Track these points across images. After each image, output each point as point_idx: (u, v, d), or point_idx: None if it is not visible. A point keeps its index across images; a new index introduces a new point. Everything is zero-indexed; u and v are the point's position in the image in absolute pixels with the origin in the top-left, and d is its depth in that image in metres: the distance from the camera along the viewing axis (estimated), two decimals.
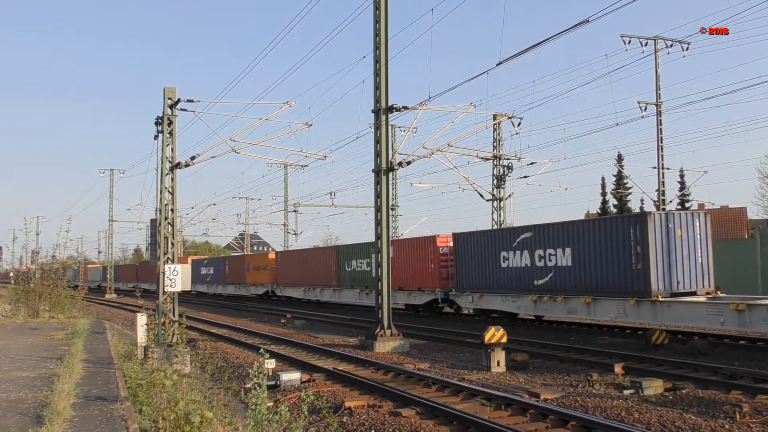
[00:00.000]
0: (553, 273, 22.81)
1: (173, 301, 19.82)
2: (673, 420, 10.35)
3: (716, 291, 20.22)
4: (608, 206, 55.27)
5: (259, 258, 50.40)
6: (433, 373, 15.46)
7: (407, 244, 32.35)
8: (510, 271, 24.86)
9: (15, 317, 26.65)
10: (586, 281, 21.38)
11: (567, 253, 22.39)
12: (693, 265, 19.90)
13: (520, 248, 24.44)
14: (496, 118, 32.96)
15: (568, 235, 22.45)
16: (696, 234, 20.29)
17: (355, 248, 36.95)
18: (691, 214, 20.53)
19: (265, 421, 7.27)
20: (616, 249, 20.36)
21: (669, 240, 19.55)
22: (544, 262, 23.18)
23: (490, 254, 25.94)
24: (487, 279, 26.07)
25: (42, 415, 8.07)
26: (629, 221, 20.27)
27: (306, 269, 41.87)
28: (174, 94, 19.93)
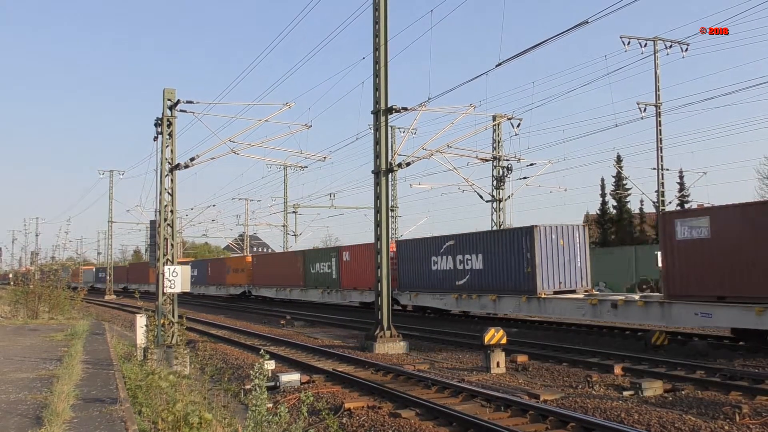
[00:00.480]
0: (470, 275, 26.77)
1: (173, 303, 19.81)
2: (673, 421, 10.35)
3: (592, 289, 24.59)
4: (607, 207, 55.25)
5: (237, 261, 53.43)
6: (432, 374, 15.46)
7: (361, 249, 35.41)
8: (438, 273, 28.66)
9: (14, 318, 26.63)
10: (493, 282, 25.41)
11: (480, 259, 26.40)
12: (573, 269, 24.05)
13: (445, 254, 28.33)
14: (495, 119, 32.98)
15: (480, 243, 26.46)
16: (576, 243, 24.25)
17: (318, 253, 41.81)
18: (572, 227, 24.46)
19: (264, 422, 7.27)
20: (513, 256, 24.49)
21: (553, 248, 23.72)
22: (464, 265, 27.10)
23: (423, 259, 29.73)
24: (421, 280, 30.00)
25: (41, 417, 8.06)
26: (521, 233, 24.31)
27: (278, 271, 45.73)
28: (173, 96, 19.92)
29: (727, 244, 17.36)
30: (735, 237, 17.20)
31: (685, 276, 18.54)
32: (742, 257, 17.02)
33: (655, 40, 34.25)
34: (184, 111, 20.17)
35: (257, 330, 28.21)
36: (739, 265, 17.09)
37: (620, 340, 21.20)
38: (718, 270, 17.57)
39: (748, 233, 16.88)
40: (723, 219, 17.72)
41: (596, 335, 22.75)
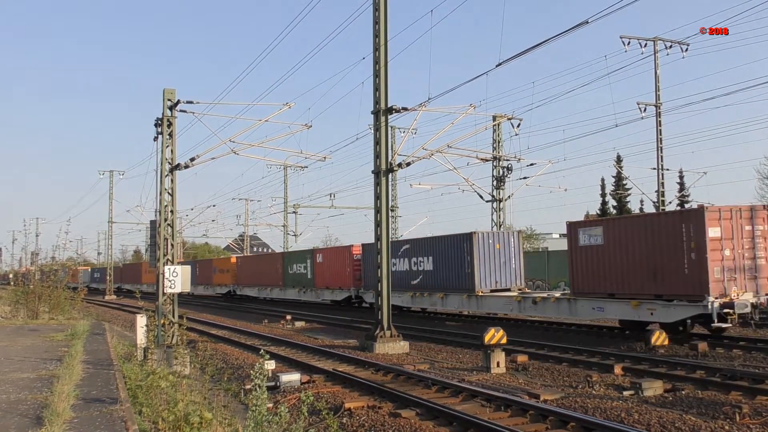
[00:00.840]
0: (422, 275, 30.05)
1: (173, 303, 19.81)
2: (673, 421, 10.35)
3: (525, 288, 27.90)
4: (608, 207, 55.29)
5: (223, 262, 56.61)
6: (432, 374, 15.46)
7: (332, 251, 39.73)
8: (397, 274, 30.89)
9: (15, 318, 26.63)
10: (442, 281, 28.45)
11: (430, 261, 29.54)
12: (508, 270, 27.40)
13: (402, 256, 31.46)
14: (495, 119, 32.98)
15: (431, 247, 29.61)
16: (511, 247, 27.72)
17: (296, 254, 44.80)
18: (507, 233, 28.19)
19: (264, 422, 7.27)
20: (456, 259, 27.70)
21: (490, 252, 26.99)
22: (417, 267, 30.44)
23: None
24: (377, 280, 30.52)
25: (42, 416, 8.07)
26: (462, 239, 27.47)
27: (260, 272, 48.74)
28: (174, 96, 19.93)
29: (616, 250, 20.92)
30: (621, 245, 20.80)
31: (585, 276, 21.92)
32: (625, 261, 20.59)
33: (655, 40, 34.25)
34: (184, 111, 20.19)
35: (257, 330, 28.21)
36: (623, 268, 20.64)
37: (620, 340, 21.20)
38: (609, 272, 21.10)
39: (629, 242, 20.52)
40: (613, 229, 21.24)
41: (596, 335, 22.76)
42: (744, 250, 19.11)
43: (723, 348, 18.71)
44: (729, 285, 18.62)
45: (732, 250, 18.87)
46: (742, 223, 19.25)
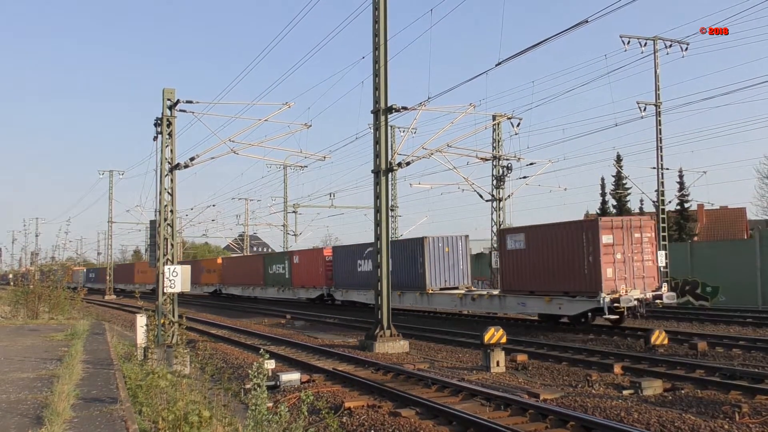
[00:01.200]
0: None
1: (173, 302, 19.82)
2: (673, 420, 10.36)
3: (471, 286, 30.50)
4: (608, 206, 55.19)
5: (210, 262, 60.16)
6: (432, 373, 15.46)
7: (307, 253, 43.57)
8: (362, 274, 34.42)
9: (14, 318, 26.62)
10: (399, 281, 30.23)
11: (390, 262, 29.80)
12: (456, 271, 30.32)
13: (367, 258, 33.92)
14: (495, 119, 32.98)
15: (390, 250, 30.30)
16: (459, 251, 30.47)
17: (275, 256, 48.76)
18: (455, 238, 30.67)
19: (264, 422, 7.28)
20: (411, 260, 30.98)
21: (440, 255, 30.11)
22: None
23: (352, 262, 35.95)
24: (350, 279, 36.15)
25: (42, 416, 8.07)
26: (416, 242, 30.92)
27: (243, 272, 51.91)
28: (173, 95, 19.92)
29: (534, 254, 24.15)
30: (538, 249, 23.99)
31: (512, 276, 25.24)
32: (541, 263, 23.73)
33: (654, 40, 34.24)
34: (183, 111, 20.18)
35: (257, 330, 28.23)
36: (540, 269, 23.80)
37: (619, 339, 21.22)
38: (530, 272, 24.34)
39: (544, 247, 23.69)
40: (533, 235, 24.49)
41: (596, 334, 22.76)
42: (633, 254, 22.33)
43: (722, 347, 18.73)
44: (619, 283, 21.88)
45: (623, 254, 22.12)
46: (631, 231, 22.53)
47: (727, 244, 39.78)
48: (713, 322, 25.53)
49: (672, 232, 46.80)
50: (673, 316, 28.04)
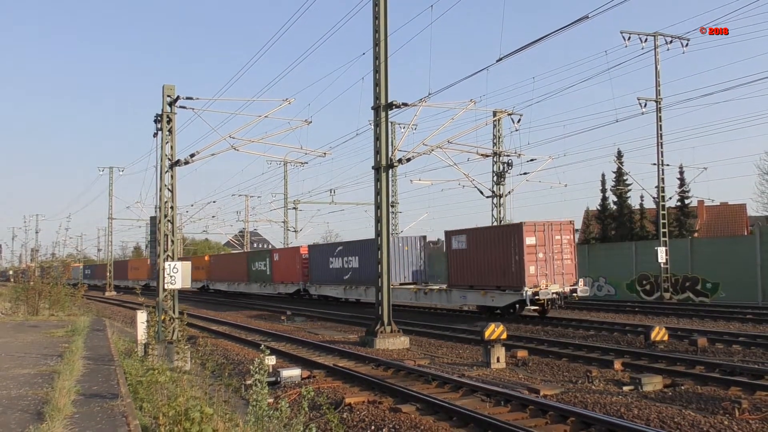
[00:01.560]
0: (351, 272, 36.38)
1: (173, 299, 19.82)
2: (673, 416, 10.37)
3: (428, 283, 33.38)
4: (608, 203, 55.09)
5: (198, 260, 63.22)
6: (433, 369, 15.48)
7: (286, 251, 46.92)
8: (334, 270, 38.34)
9: (15, 315, 26.63)
10: (365, 277, 33.94)
11: (356, 260, 36.00)
12: (415, 267, 33.49)
13: (337, 256, 37.97)
14: (495, 115, 32.96)
15: (357, 249, 35.98)
16: (415, 249, 33.58)
17: (258, 253, 52.16)
18: (413, 238, 34.11)
19: (265, 417, 7.29)
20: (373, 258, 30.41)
21: (400, 253, 33.02)
22: (348, 265, 36.75)
23: (324, 259, 39.57)
24: (323, 275, 39.73)
25: (43, 412, 8.08)
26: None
27: (229, 269, 54.97)
28: (173, 92, 19.89)
29: (474, 253, 27.59)
30: (477, 249, 27.51)
31: (456, 272, 28.34)
32: (479, 261, 27.27)
33: (655, 36, 34.21)
34: (183, 107, 20.15)
35: (258, 326, 28.25)
36: (477, 266, 27.30)
37: (620, 335, 21.24)
38: (470, 269, 27.71)
39: (481, 247, 27.32)
40: (473, 237, 28.00)
41: (596, 330, 22.79)
42: (553, 254, 25.55)
43: (723, 344, 18.74)
44: (540, 279, 25.14)
45: (544, 253, 25.35)
46: (552, 233, 25.67)
47: (727, 241, 39.78)
48: (713, 319, 25.55)
49: (672, 228, 46.77)
50: (674, 312, 28.08)
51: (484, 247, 27.19)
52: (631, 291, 40.14)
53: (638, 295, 39.41)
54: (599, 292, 42.33)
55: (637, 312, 29.33)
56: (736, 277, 34.12)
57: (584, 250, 46.13)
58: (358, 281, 35.57)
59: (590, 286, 42.75)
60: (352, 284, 36.26)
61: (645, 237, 49.79)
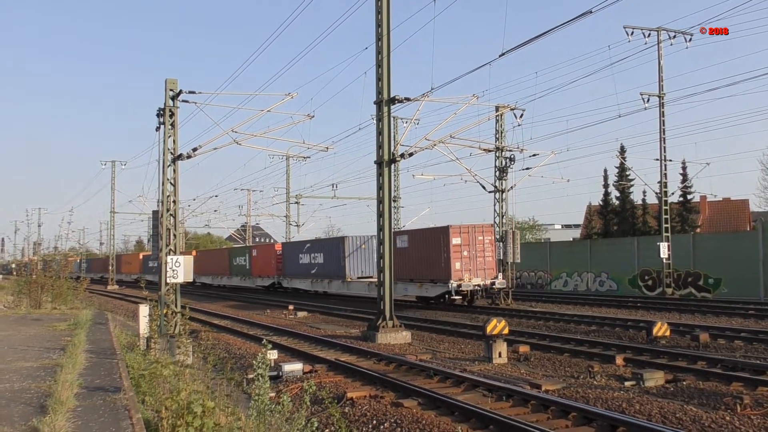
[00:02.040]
0: (317, 267, 41.16)
1: (175, 293, 19.83)
2: (674, 411, 10.38)
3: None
4: (610, 198, 55.04)
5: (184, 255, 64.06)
6: (434, 364, 15.50)
7: (263, 248, 52.30)
8: (303, 265, 43.19)
9: (18, 308, 26.66)
10: (328, 271, 39.53)
11: (321, 256, 40.88)
12: (371, 263, 36.63)
13: (306, 252, 43.03)
14: (498, 110, 32.87)
15: (322, 246, 41.90)
16: (371, 248, 37.04)
17: (238, 249, 55.94)
18: (370, 237, 37.39)
19: (267, 411, 7.30)
20: (335, 254, 38.84)
21: (358, 250, 37.63)
22: (314, 260, 41.72)
23: (295, 255, 44.34)
24: (294, 270, 44.64)
25: (45, 405, 8.10)
26: (339, 240, 39.43)
27: (213, 263, 59.75)
28: (176, 86, 19.85)
29: (413, 251, 32.13)
30: (415, 247, 32.03)
31: (400, 268, 30.40)
32: (417, 258, 31.68)
33: (658, 31, 34.10)
34: (186, 101, 20.10)
35: (260, 320, 28.29)
36: (415, 262, 31.77)
37: (621, 331, 21.24)
38: (410, 265, 31.99)
39: (418, 246, 31.77)
40: (412, 237, 32.86)
41: (598, 326, 22.80)
42: (476, 252, 29.99)
43: (724, 339, 18.75)
44: (464, 273, 29.50)
45: (468, 252, 29.70)
46: (476, 235, 30.08)
47: (729, 236, 39.75)
48: (715, 314, 25.55)
49: (674, 223, 46.71)
50: (676, 308, 28.08)
51: (420, 246, 31.58)
52: (633, 286, 40.13)
53: (640, 290, 39.40)
54: (601, 287, 42.33)
55: (639, 307, 29.33)
56: (739, 272, 34.09)
57: (586, 245, 46.14)
58: (323, 275, 40.37)
59: (592, 282, 42.91)
60: (318, 278, 41.05)
61: (647, 232, 49.75)
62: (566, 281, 45.29)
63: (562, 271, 45.80)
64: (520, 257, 34.45)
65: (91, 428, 7.14)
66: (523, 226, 73.43)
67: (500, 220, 34.55)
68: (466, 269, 29.53)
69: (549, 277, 46.90)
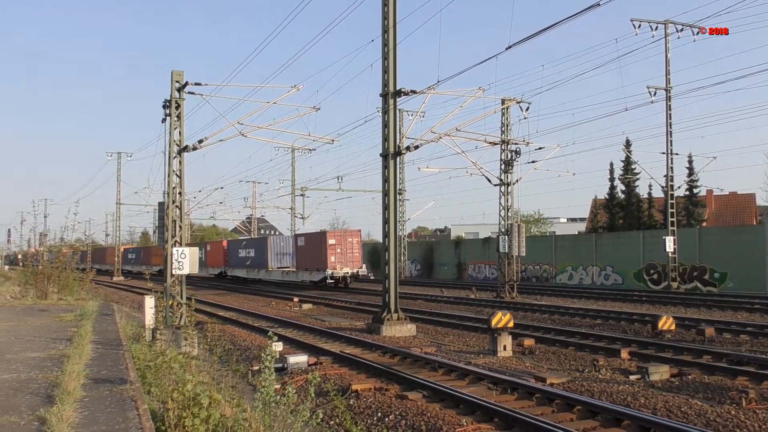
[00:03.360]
0: (250, 259, 52.93)
1: (181, 284, 19.89)
2: (679, 405, 10.37)
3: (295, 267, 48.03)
4: (616, 192, 54.88)
5: (156, 249, 73.82)
6: (439, 357, 15.50)
7: (214, 244, 63.70)
8: (241, 258, 55.04)
9: (24, 299, 26.80)
10: (257, 263, 51.80)
11: (253, 251, 52.95)
12: (289, 257, 48.98)
13: (243, 248, 55.39)
14: (504, 103, 32.80)
15: (254, 243, 54.27)
16: (290, 244, 49.29)
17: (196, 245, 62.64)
18: (287, 236, 54.05)
19: (272, 403, 7.31)
20: (261, 249, 51.37)
21: (278, 247, 50.21)
22: (249, 254, 53.44)
23: (236, 250, 56.78)
24: (235, 262, 56.45)
25: (53, 395, 8.14)
26: (263, 238, 54.68)
27: None
28: (182, 78, 19.85)
29: (307, 248, 44.85)
30: (309, 245, 44.67)
31: (300, 260, 46.14)
32: (311, 253, 43.91)
33: (666, 24, 33.91)
34: (192, 93, 20.10)
35: (265, 312, 28.35)
36: (308, 256, 44.55)
37: (627, 324, 21.22)
38: (305, 258, 45.16)
39: (311, 244, 44.23)
40: (307, 238, 46.09)
41: (603, 319, 22.78)
42: (346, 250, 42.75)
43: (730, 333, 18.71)
44: (337, 264, 42.24)
45: (341, 249, 42.54)
46: (346, 237, 43.45)
47: (735, 230, 39.61)
48: (721, 308, 25.50)
49: (680, 217, 46.57)
50: (681, 301, 28.05)
51: (311, 245, 44.77)
52: (638, 280, 40.07)
53: (645, 284, 39.34)
54: (606, 281, 42.28)
55: (644, 301, 29.30)
56: (745, 266, 34.01)
57: (591, 238, 46.08)
58: (254, 266, 52.48)
59: (597, 275, 42.85)
60: (251, 268, 53.00)
61: (653, 226, 49.63)
62: (571, 275, 45.26)
63: (567, 264, 45.77)
64: (525, 251, 34.44)
65: (98, 419, 7.18)
66: (528, 220, 73.30)
67: (505, 214, 34.50)
68: (339, 261, 42.32)
69: (554, 270, 46.87)
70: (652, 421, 9.16)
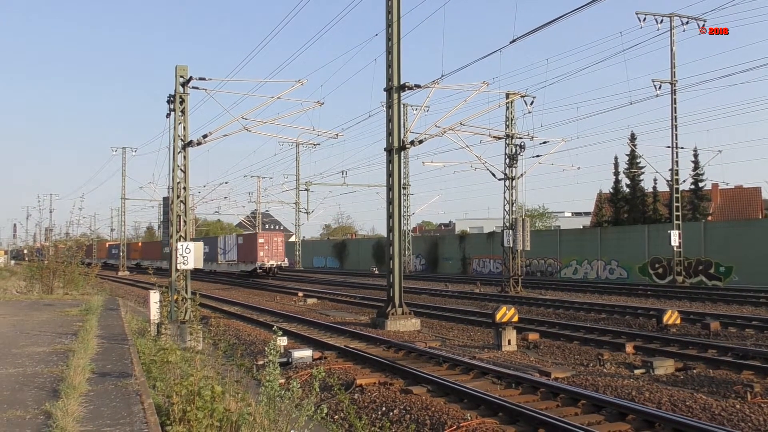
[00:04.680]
0: (206, 254, 52.95)
1: (186, 279, 19.92)
2: (684, 399, 10.36)
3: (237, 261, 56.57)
4: (621, 186, 54.72)
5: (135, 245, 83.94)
6: (444, 351, 15.51)
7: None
8: (222, 254, 59.66)
9: (30, 293, 26.88)
10: (211, 257, 59.13)
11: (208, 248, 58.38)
12: (233, 252, 56.71)
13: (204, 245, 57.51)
14: (508, 97, 32.73)
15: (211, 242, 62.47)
16: (236, 242, 56.80)
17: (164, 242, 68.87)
18: (234, 235, 62.12)
19: (277, 397, 7.32)
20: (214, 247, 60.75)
21: (228, 244, 58.75)
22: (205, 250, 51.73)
23: (214, 247, 60.84)
24: (214, 257, 60.19)
25: (58, 389, 8.17)
26: (216, 238, 65.54)
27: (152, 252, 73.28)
28: (186, 72, 19.82)
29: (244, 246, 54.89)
30: (246, 243, 54.87)
31: (239, 255, 54.98)
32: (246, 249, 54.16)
33: (671, 16, 33.78)
34: (196, 88, 20.07)
35: (269, 307, 28.40)
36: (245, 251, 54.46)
37: (631, 319, 21.19)
38: (244, 253, 54.41)
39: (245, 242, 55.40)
40: (244, 237, 56.68)
41: (608, 313, 22.76)
42: (272, 246, 52.26)
43: (735, 327, 18.67)
44: (265, 258, 51.64)
45: (269, 245, 52.07)
46: (273, 236, 54.01)
47: (741, 224, 39.51)
48: (726, 302, 25.45)
49: (686, 211, 46.42)
50: (686, 296, 28.01)
51: (246, 242, 53.98)
52: (643, 274, 40.01)
53: (650, 278, 39.29)
54: (611, 275, 42.23)
55: (649, 295, 29.27)
56: (750, 260, 33.92)
57: (596, 233, 46.01)
58: (208, 259, 58.03)
59: (602, 270, 42.80)
60: (206, 261, 55.19)
61: (658, 220, 49.51)
62: (576, 269, 45.22)
63: (572, 258, 45.72)
64: (530, 245, 34.40)
65: (103, 413, 7.20)
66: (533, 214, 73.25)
67: (510, 208, 34.46)
68: (267, 255, 51.93)
69: (559, 264, 46.83)
70: (657, 415, 9.15)
